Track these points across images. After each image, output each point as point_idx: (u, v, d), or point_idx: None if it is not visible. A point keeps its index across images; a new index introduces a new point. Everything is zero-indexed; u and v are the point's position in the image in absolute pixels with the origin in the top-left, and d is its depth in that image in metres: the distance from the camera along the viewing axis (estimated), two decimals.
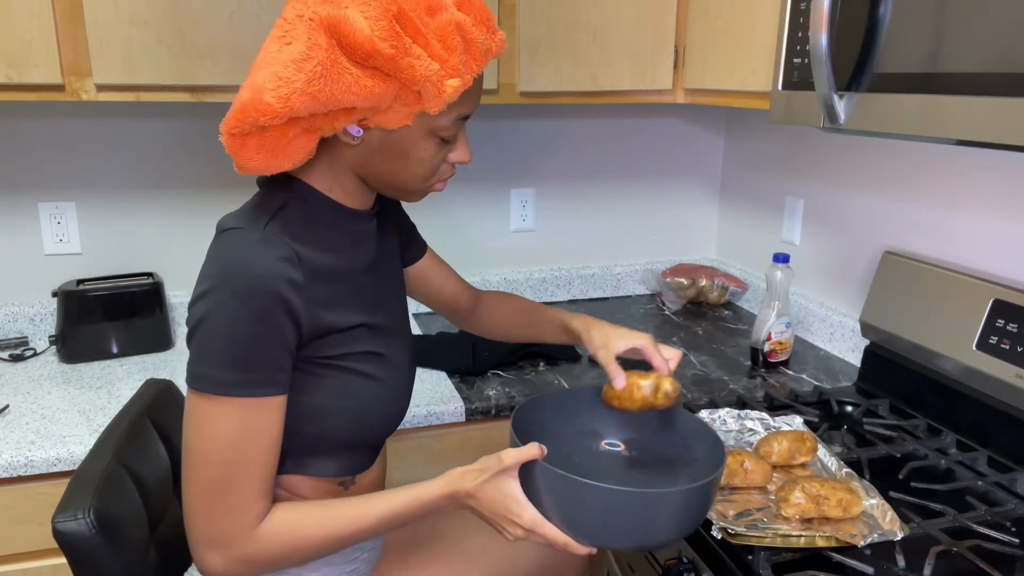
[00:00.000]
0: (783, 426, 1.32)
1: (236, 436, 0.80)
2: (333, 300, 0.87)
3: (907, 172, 1.53)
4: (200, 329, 0.79)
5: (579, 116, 2.09)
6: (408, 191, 0.91)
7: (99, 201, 1.79)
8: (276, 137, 0.80)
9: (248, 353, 0.79)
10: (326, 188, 0.90)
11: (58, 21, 1.37)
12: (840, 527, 1.02)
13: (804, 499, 1.02)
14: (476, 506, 0.87)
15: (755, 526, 1.01)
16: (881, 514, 1.04)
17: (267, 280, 0.78)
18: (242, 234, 0.82)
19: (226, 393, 0.79)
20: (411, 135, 0.85)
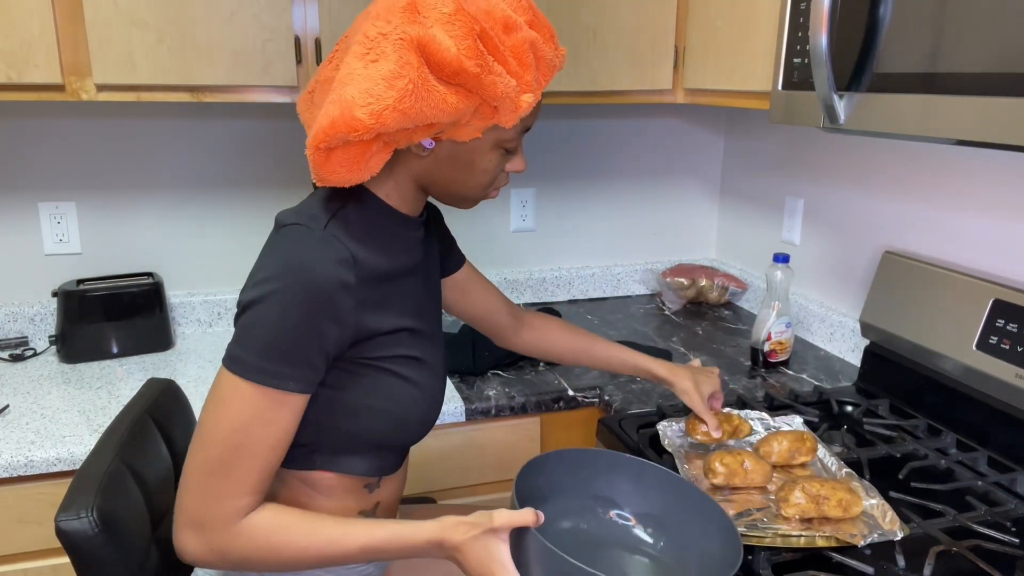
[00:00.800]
0: (783, 426, 1.32)
1: (248, 422, 0.81)
2: (381, 303, 0.89)
3: (907, 172, 1.53)
4: (248, 314, 0.82)
5: (579, 116, 2.09)
6: (467, 199, 0.95)
7: (99, 201, 1.79)
8: (360, 151, 0.83)
9: (285, 347, 0.81)
10: (384, 193, 0.92)
11: (58, 21, 1.37)
12: (840, 527, 1.02)
13: (804, 499, 1.02)
14: (461, 560, 0.83)
15: (755, 526, 1.01)
16: (881, 514, 1.04)
17: (322, 283, 0.81)
18: (303, 231, 0.84)
19: (253, 379, 0.81)
20: (479, 147, 0.88)
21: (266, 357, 0.81)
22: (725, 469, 1.10)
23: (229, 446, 0.82)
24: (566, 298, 2.18)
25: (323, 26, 1.50)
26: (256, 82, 1.49)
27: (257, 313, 0.81)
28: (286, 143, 1.88)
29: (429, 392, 0.96)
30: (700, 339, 1.86)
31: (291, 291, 0.80)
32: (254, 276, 0.84)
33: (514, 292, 2.12)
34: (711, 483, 1.11)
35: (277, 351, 0.81)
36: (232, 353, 0.82)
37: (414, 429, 0.96)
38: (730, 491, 1.11)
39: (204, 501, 0.82)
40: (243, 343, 0.82)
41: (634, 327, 1.94)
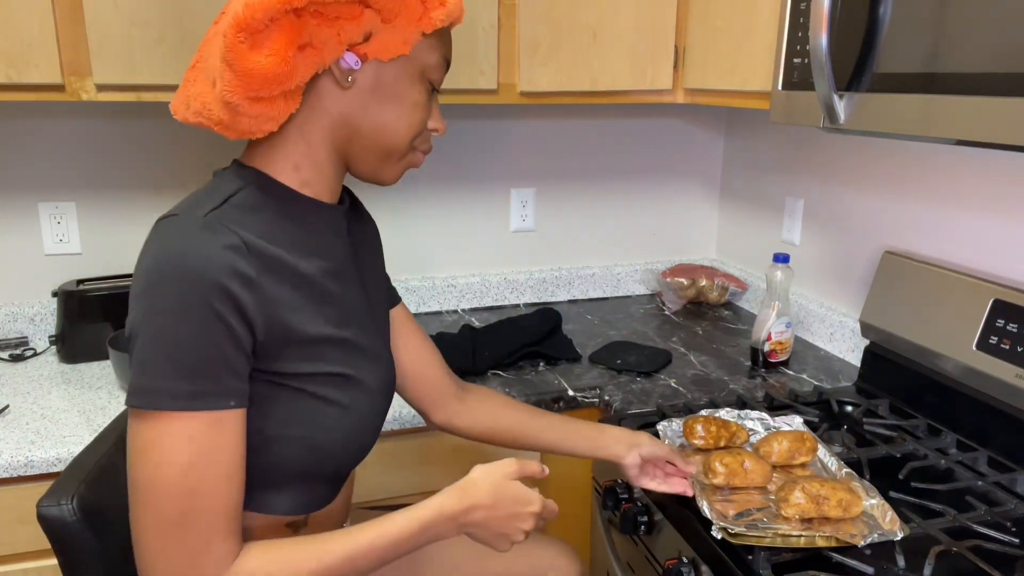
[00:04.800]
0: (783, 426, 1.32)
1: (191, 460, 0.68)
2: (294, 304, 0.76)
3: (907, 172, 1.53)
4: (138, 337, 0.69)
5: (579, 116, 2.09)
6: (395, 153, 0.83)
7: (99, 201, 1.79)
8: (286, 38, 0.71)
9: (197, 357, 0.68)
10: (292, 167, 0.80)
11: (58, 21, 1.37)
12: (840, 527, 1.02)
13: (804, 499, 1.02)
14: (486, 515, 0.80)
15: (755, 526, 1.01)
16: (881, 514, 1.04)
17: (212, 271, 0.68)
18: (178, 221, 0.71)
19: (175, 408, 0.68)
20: (405, 73, 0.79)
21: (176, 378, 0.68)
22: (725, 469, 1.09)
23: (180, 495, 0.68)
24: (566, 298, 2.18)
25: None
26: None
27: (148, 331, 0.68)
28: None
29: (359, 414, 0.82)
30: (700, 339, 1.86)
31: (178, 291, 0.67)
32: (132, 290, 0.71)
33: (514, 292, 2.12)
34: (711, 483, 1.11)
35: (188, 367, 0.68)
36: (135, 388, 0.68)
37: (340, 458, 0.83)
38: (730, 491, 1.11)
39: (176, 564, 0.69)
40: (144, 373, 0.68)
41: (634, 327, 1.94)
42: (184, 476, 0.69)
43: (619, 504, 1.26)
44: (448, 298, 2.07)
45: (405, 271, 2.05)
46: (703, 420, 1.22)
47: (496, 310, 2.07)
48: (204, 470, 0.69)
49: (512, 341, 1.68)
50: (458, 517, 0.79)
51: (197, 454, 0.69)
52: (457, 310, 2.08)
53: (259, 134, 0.77)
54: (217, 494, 0.70)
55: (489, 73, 1.62)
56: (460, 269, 2.09)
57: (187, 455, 0.68)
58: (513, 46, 1.63)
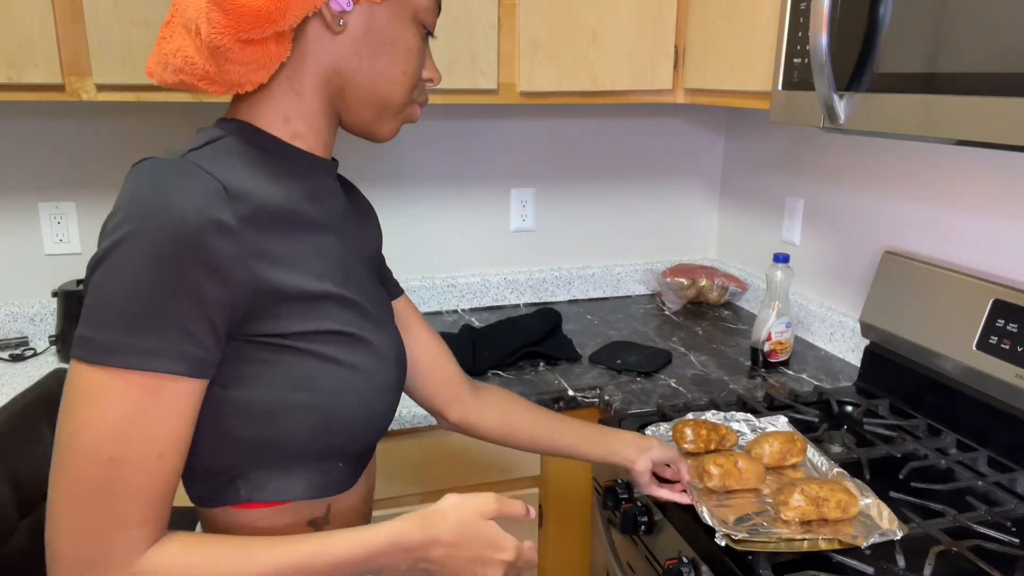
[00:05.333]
0: (768, 427, 1.32)
1: (119, 425, 0.60)
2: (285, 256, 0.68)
3: (907, 172, 1.53)
4: (91, 282, 0.62)
5: (579, 116, 2.09)
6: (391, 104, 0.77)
7: (99, 201, 1.79)
8: None
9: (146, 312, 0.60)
10: (280, 121, 0.74)
11: (58, 21, 1.37)
12: (839, 528, 1.02)
13: (804, 501, 1.01)
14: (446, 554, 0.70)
15: (756, 531, 1.01)
16: (877, 513, 1.04)
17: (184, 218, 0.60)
18: (153, 164, 0.64)
19: (113, 363, 0.60)
20: (398, 16, 0.74)
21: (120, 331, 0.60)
22: (720, 470, 1.09)
23: (100, 461, 0.60)
24: (566, 298, 2.18)
25: None
26: None
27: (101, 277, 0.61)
28: None
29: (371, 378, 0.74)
30: (700, 339, 1.86)
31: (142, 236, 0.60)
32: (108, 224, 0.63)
33: (514, 292, 2.12)
34: (705, 486, 1.10)
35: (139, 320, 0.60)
36: (81, 336, 0.61)
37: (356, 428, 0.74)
38: (725, 494, 1.11)
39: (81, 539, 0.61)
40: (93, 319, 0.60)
41: (634, 327, 1.94)
42: (108, 441, 0.60)
43: (619, 504, 1.26)
44: (448, 298, 2.07)
45: (405, 271, 2.05)
46: (692, 424, 1.21)
47: (496, 310, 2.07)
48: (132, 440, 0.61)
49: (512, 341, 1.68)
50: (414, 550, 0.69)
51: (127, 420, 0.61)
52: (457, 310, 2.08)
53: (249, 86, 0.71)
54: (142, 470, 0.62)
55: (489, 73, 1.62)
56: (460, 269, 2.09)
57: (116, 419, 0.60)
58: (513, 46, 1.63)
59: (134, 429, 0.61)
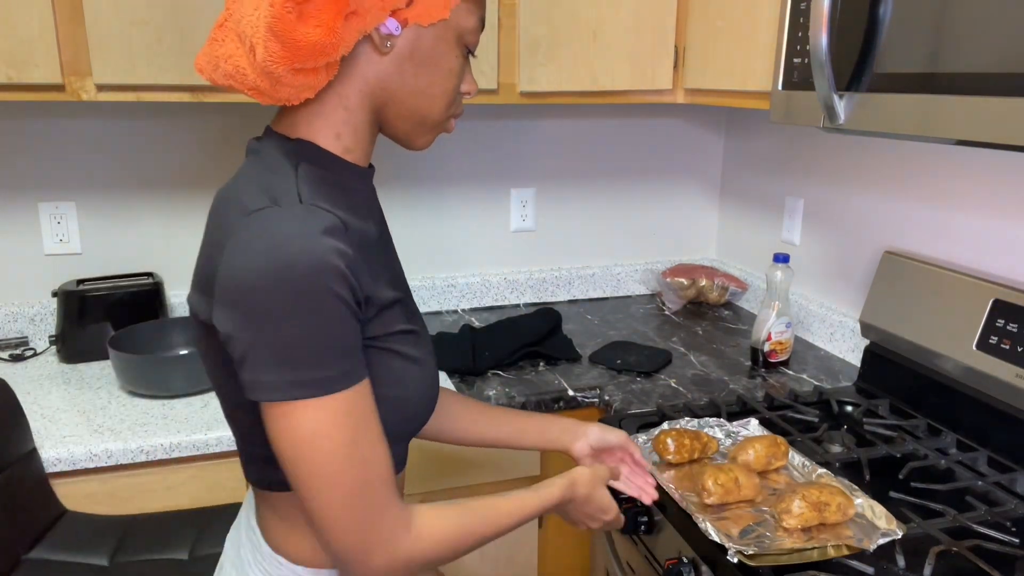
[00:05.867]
0: (741, 431, 1.30)
1: (354, 433, 0.72)
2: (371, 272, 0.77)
3: (907, 172, 1.53)
4: (264, 333, 0.68)
5: (579, 116, 2.09)
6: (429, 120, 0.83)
7: (99, 201, 1.79)
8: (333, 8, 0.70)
9: (331, 342, 0.70)
10: (333, 139, 0.80)
11: (58, 21, 1.37)
12: (839, 532, 1.01)
13: (805, 508, 1.01)
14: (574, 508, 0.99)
15: (762, 543, 1.00)
16: (872, 513, 1.04)
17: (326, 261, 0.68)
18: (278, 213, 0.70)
19: (330, 391, 0.70)
20: (442, 38, 0.79)
21: (325, 363, 0.70)
22: (721, 489, 1.07)
23: (355, 466, 0.72)
24: (566, 298, 2.18)
25: None
26: None
27: (280, 328, 0.68)
28: None
29: (429, 368, 0.85)
30: (700, 339, 1.86)
31: (302, 284, 0.67)
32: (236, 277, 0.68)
33: (514, 292, 2.12)
34: (704, 502, 1.08)
35: (329, 351, 0.70)
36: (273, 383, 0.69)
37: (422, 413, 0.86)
38: (722, 508, 1.09)
39: (368, 527, 0.74)
40: (290, 365, 0.69)
41: (634, 327, 1.94)
42: (354, 449, 0.72)
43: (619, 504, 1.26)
44: (448, 298, 2.07)
45: (405, 271, 2.05)
46: (674, 434, 1.18)
47: (496, 310, 2.07)
48: (365, 439, 0.73)
49: (512, 341, 1.68)
50: (561, 506, 0.96)
51: (356, 427, 0.72)
52: (457, 310, 2.08)
53: (295, 102, 0.77)
54: (380, 458, 0.74)
55: (489, 73, 1.62)
56: (460, 269, 2.09)
57: (350, 430, 0.72)
58: (513, 46, 1.63)
59: (363, 430, 0.73)
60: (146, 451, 1.33)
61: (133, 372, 1.47)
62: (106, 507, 1.35)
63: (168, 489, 1.38)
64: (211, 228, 0.78)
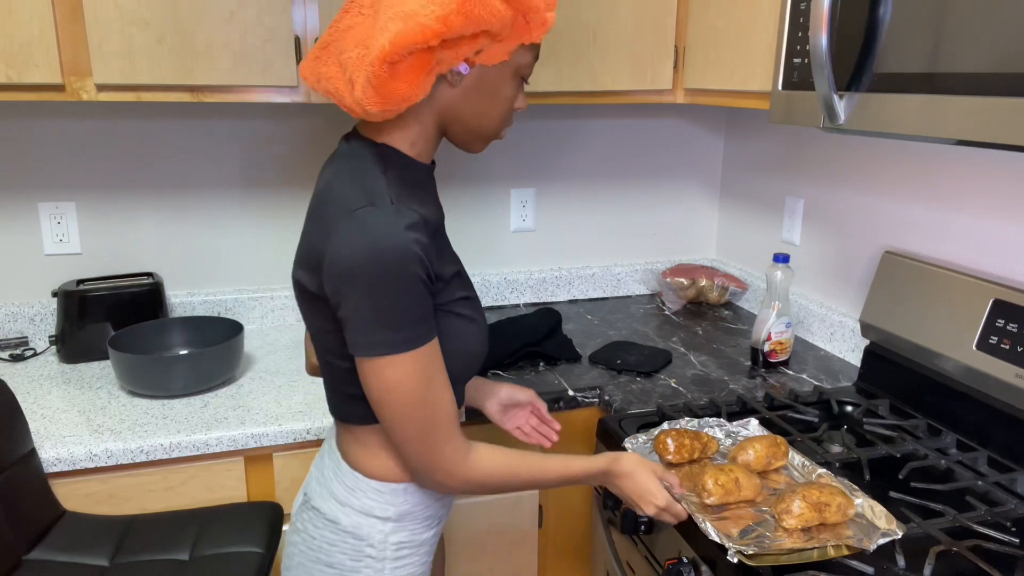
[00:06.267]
0: (741, 431, 1.30)
1: (425, 380, 0.92)
2: (440, 253, 0.99)
3: (907, 172, 1.53)
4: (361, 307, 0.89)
5: (579, 116, 2.09)
6: (483, 136, 1.01)
7: (99, 201, 1.79)
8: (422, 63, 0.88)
9: (412, 312, 0.90)
10: (409, 143, 0.99)
11: (58, 21, 1.37)
12: (838, 532, 1.01)
13: (806, 508, 1.01)
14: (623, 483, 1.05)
15: (762, 543, 1.00)
16: (872, 513, 1.04)
17: (410, 250, 0.88)
18: (373, 213, 0.89)
19: (410, 348, 0.90)
20: (503, 74, 0.96)
21: (405, 329, 0.90)
22: (721, 489, 1.06)
23: (425, 405, 0.93)
24: (566, 298, 2.18)
25: (323, 26, 1.50)
26: (256, 82, 1.49)
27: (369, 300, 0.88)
28: (286, 143, 1.88)
29: (481, 324, 1.05)
30: (700, 339, 1.86)
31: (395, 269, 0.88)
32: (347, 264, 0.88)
33: (514, 292, 2.12)
34: (704, 502, 1.07)
35: (410, 319, 0.90)
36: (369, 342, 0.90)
37: (475, 358, 1.05)
38: (722, 507, 1.08)
39: (435, 453, 0.95)
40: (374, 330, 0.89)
41: (634, 327, 1.94)
42: (425, 392, 0.92)
43: (619, 504, 1.26)
44: None
45: None
46: (674, 434, 1.18)
47: (496, 310, 2.07)
48: (433, 384, 0.93)
49: (512, 341, 1.68)
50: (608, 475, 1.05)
51: (428, 376, 0.92)
52: None
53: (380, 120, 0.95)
54: (444, 400, 0.94)
55: None
56: None
57: (422, 378, 0.92)
58: None
59: (432, 377, 0.93)
60: (146, 451, 1.33)
61: (133, 372, 1.47)
62: (106, 507, 1.35)
63: (168, 489, 1.38)
64: (314, 218, 0.96)
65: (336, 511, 1.02)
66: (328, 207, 0.93)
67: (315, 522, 1.04)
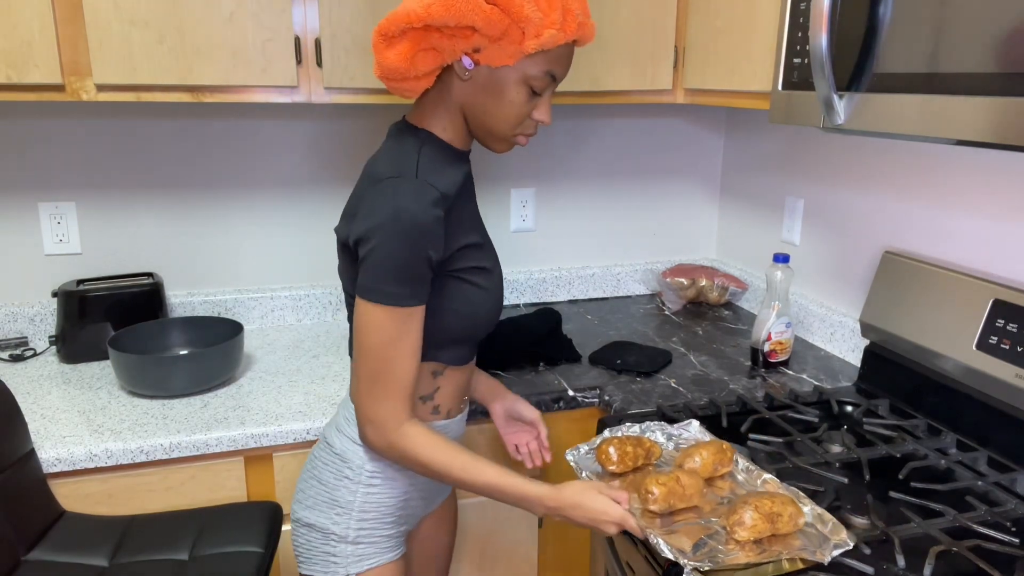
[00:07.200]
0: (683, 432, 1.27)
1: (391, 337, 1.01)
2: (456, 225, 1.08)
3: (907, 172, 1.53)
4: (373, 255, 1.00)
5: (579, 116, 2.09)
6: (496, 134, 1.08)
7: (99, 201, 1.79)
8: (412, 43, 1.00)
9: (406, 274, 1.00)
10: (441, 129, 1.10)
11: (58, 21, 1.37)
12: (788, 542, 0.98)
13: (758, 519, 0.97)
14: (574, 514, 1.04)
15: (716, 558, 0.95)
16: (821, 522, 1.01)
17: (425, 221, 0.99)
18: (402, 183, 1.01)
19: (388, 302, 1.00)
20: (509, 77, 1.03)
21: (393, 284, 0.99)
22: (662, 490, 1.02)
23: (381, 359, 1.02)
24: (566, 298, 2.18)
25: (323, 26, 1.50)
26: (256, 82, 1.49)
27: (382, 253, 0.99)
28: (286, 143, 1.88)
29: (494, 293, 1.14)
30: (700, 339, 1.86)
31: (404, 232, 0.98)
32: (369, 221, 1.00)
33: (514, 292, 2.12)
34: (648, 509, 1.03)
35: (400, 279, 0.99)
36: (368, 286, 1.01)
37: (482, 323, 1.14)
38: (669, 518, 1.04)
39: (372, 402, 1.03)
40: (374, 278, 1.00)
41: (634, 327, 1.94)
42: (384, 348, 1.02)
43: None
44: None
45: None
46: (616, 442, 1.14)
47: None
48: (398, 345, 1.02)
49: (512, 341, 1.68)
50: (550, 509, 1.05)
51: (395, 335, 1.01)
52: None
53: (409, 99, 1.14)
54: (403, 365, 1.03)
55: None
56: None
57: (390, 334, 1.01)
58: None
59: (399, 339, 1.02)
60: (146, 451, 1.33)
61: (133, 372, 1.47)
62: (106, 507, 1.35)
63: (168, 489, 1.38)
64: (358, 185, 1.09)
65: (334, 436, 1.15)
66: (367, 177, 1.07)
67: (320, 444, 1.18)
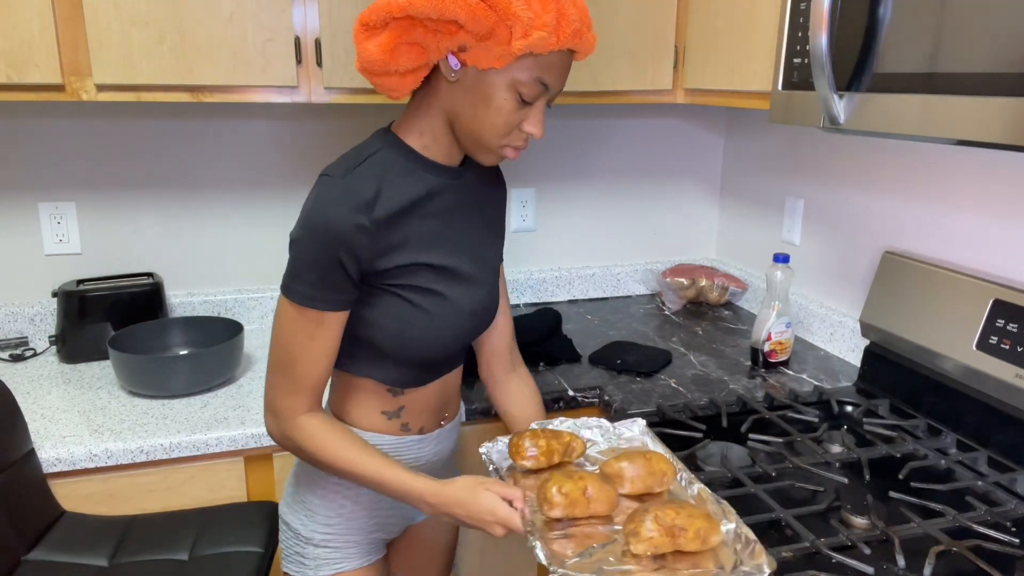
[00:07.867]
0: (624, 431, 1.16)
1: (296, 335, 1.01)
2: (402, 241, 1.02)
3: (907, 172, 1.53)
4: (291, 251, 1.00)
5: (579, 116, 2.09)
6: (483, 143, 1.01)
7: (99, 201, 1.79)
8: (393, 37, 0.94)
9: (315, 275, 0.98)
10: (417, 137, 1.04)
11: (58, 21, 1.37)
12: (698, 563, 0.86)
13: (657, 532, 0.85)
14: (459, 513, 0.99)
15: (601, 570, 0.84)
16: (743, 543, 0.89)
17: (338, 226, 0.96)
18: (328, 182, 0.98)
19: (297, 301, 0.99)
20: (497, 82, 0.96)
21: (303, 284, 0.98)
22: (564, 499, 0.92)
23: (285, 353, 1.02)
24: (566, 298, 2.18)
25: (323, 26, 1.50)
26: (256, 82, 1.49)
27: (296, 250, 0.99)
28: (286, 143, 1.88)
29: (441, 320, 1.07)
30: (700, 339, 1.86)
31: (316, 236, 0.96)
32: (298, 220, 1.00)
33: (514, 292, 2.12)
34: (546, 516, 0.93)
35: (311, 280, 0.98)
36: (283, 280, 1.01)
37: (414, 345, 1.07)
38: (568, 523, 0.94)
39: (273, 392, 1.04)
40: (289, 274, 1.00)
41: (634, 327, 1.94)
42: (289, 343, 1.01)
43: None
44: None
45: None
46: (530, 435, 1.05)
47: None
48: (302, 345, 1.01)
49: None
50: (433, 507, 1.01)
51: (300, 333, 1.00)
52: None
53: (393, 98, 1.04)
54: (306, 364, 1.02)
55: None
56: None
57: (294, 331, 1.01)
58: None
59: (305, 341, 1.01)
60: (146, 451, 1.33)
61: (133, 372, 1.47)
62: (106, 507, 1.35)
63: (168, 489, 1.38)
64: None
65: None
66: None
67: None
